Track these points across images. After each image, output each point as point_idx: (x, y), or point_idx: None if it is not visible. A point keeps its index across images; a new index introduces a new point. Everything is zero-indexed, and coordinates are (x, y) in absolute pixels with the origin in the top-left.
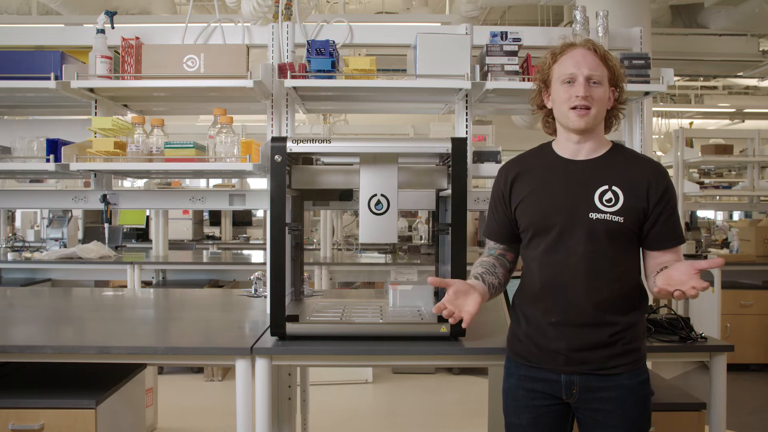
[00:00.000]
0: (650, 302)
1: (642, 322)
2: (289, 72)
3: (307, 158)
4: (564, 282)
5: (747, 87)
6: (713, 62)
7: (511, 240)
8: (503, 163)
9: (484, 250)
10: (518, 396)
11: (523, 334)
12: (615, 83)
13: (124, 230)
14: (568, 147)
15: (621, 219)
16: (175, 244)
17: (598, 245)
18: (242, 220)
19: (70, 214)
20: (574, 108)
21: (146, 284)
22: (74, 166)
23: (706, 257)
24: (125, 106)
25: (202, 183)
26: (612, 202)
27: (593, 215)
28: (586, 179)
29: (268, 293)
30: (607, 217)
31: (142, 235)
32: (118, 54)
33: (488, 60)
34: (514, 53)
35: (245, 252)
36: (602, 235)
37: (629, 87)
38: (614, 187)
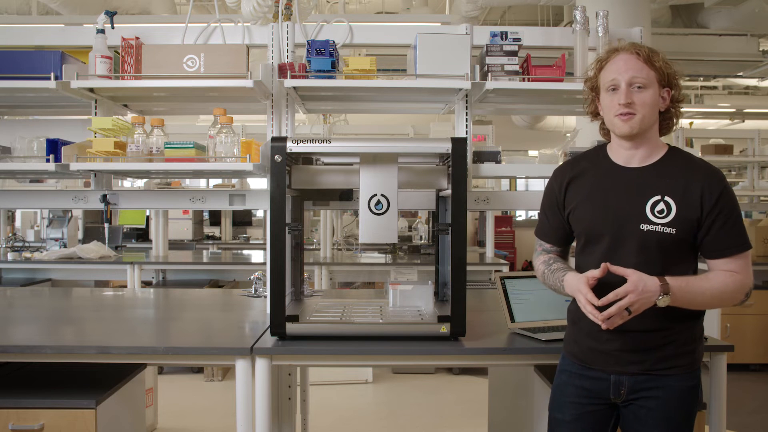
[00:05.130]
0: None
1: (697, 327)
2: (289, 72)
3: (307, 158)
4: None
5: (747, 87)
6: (713, 62)
7: (565, 242)
8: (558, 164)
9: (537, 249)
10: (567, 392)
11: (577, 336)
12: (667, 83)
13: (124, 230)
14: (620, 153)
15: (673, 230)
16: (175, 244)
17: (649, 256)
18: (242, 220)
19: (70, 214)
20: (618, 115)
21: (146, 284)
22: (74, 166)
23: None
24: (125, 106)
25: (202, 183)
26: (664, 213)
27: (644, 227)
28: (639, 188)
29: (268, 293)
30: (659, 228)
31: (142, 235)
32: (118, 54)
33: (488, 60)
34: (514, 53)
35: (245, 252)
36: (653, 247)
37: None
38: (666, 198)
